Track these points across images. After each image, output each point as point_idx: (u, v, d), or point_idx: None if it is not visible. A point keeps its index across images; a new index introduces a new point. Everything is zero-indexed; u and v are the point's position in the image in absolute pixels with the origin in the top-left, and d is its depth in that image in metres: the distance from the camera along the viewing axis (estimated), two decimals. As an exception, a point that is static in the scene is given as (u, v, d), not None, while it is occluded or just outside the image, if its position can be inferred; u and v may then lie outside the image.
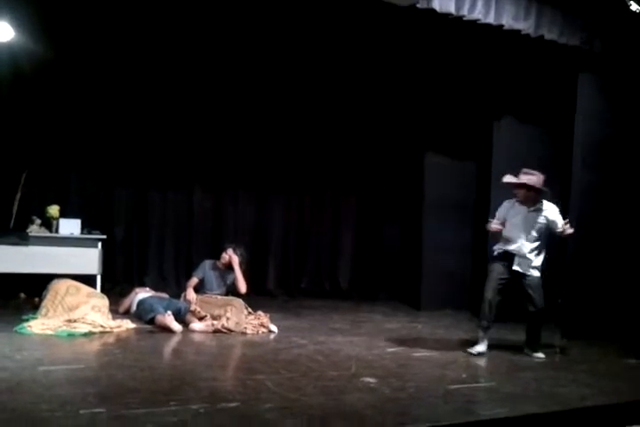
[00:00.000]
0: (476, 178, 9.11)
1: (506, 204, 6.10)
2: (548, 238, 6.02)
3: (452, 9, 6.22)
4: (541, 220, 5.90)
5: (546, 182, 5.92)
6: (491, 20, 6.49)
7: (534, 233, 5.90)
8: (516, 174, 5.96)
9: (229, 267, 7.41)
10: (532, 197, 5.92)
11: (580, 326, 7.01)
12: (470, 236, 8.87)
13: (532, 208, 5.93)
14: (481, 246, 6.28)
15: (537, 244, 5.91)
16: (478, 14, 6.39)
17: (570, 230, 5.84)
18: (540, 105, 8.07)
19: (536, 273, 5.92)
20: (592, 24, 7.04)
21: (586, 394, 4.47)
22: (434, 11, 6.14)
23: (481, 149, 8.63)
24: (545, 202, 5.96)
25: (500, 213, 6.10)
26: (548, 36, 6.82)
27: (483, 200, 8.13)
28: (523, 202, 5.96)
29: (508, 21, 6.58)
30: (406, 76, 9.28)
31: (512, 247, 5.92)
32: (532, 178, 5.88)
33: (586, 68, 7.25)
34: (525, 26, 6.68)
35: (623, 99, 7.36)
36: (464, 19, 6.39)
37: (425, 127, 9.41)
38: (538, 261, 5.93)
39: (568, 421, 3.98)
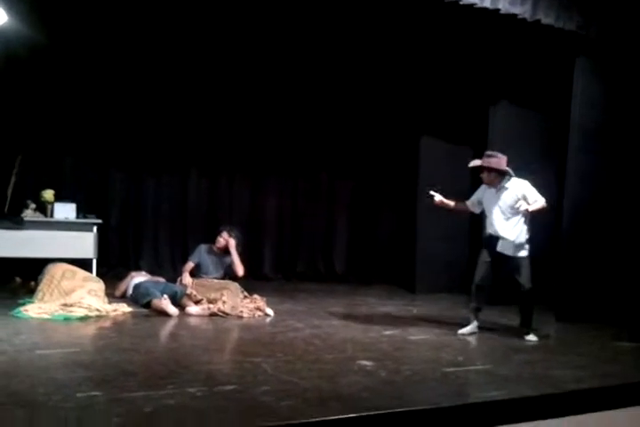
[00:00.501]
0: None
1: (482, 187, 6.19)
2: (534, 218, 6.02)
3: (448, -8, 6.19)
4: (511, 198, 5.88)
5: (508, 163, 5.96)
6: (487, 4, 6.44)
7: (508, 213, 5.89)
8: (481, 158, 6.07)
9: (225, 251, 7.40)
10: (494, 179, 5.97)
11: (573, 309, 7.04)
12: (466, 220, 8.87)
13: (498, 188, 5.97)
14: (476, 231, 6.30)
15: (514, 223, 5.89)
16: (474, -2, 6.36)
17: (525, 207, 5.79)
18: (537, 90, 8.05)
19: (520, 253, 5.90)
20: (588, 9, 7.00)
21: (580, 377, 4.49)
22: (430, -6, 6.12)
23: (477, 134, 8.60)
24: (513, 179, 5.95)
25: (476, 195, 6.23)
26: (545, 20, 6.78)
27: (478, 185, 8.12)
28: (489, 184, 6.04)
29: (504, 6, 6.54)
30: (402, 60, 9.25)
31: (491, 230, 5.99)
32: (492, 160, 5.94)
33: (582, 52, 7.22)
34: (522, 10, 6.64)
35: (619, 84, 7.34)
36: (460, 3, 6.35)
37: (420, 112, 9.39)
38: (520, 240, 5.88)
39: (563, 403, 4.01)
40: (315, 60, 9.28)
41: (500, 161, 5.93)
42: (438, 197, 6.14)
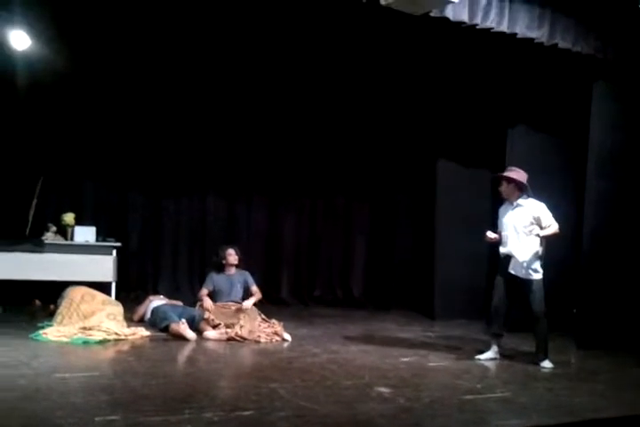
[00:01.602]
0: (490, 186, 9.08)
1: (500, 208, 6.18)
2: (550, 243, 5.98)
3: (465, 17, 6.21)
4: (526, 217, 5.85)
5: (528, 180, 5.96)
6: (504, 28, 6.47)
7: (522, 232, 5.84)
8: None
9: (232, 267, 7.44)
10: (511, 192, 5.95)
11: (595, 336, 6.95)
12: (484, 245, 8.82)
13: (514, 204, 5.95)
14: (495, 255, 6.26)
15: (527, 244, 5.82)
16: (491, 23, 6.37)
17: (536, 232, 5.81)
18: (554, 113, 8.04)
19: (532, 275, 5.81)
20: (606, 32, 7.01)
21: (600, 406, 4.44)
22: (447, 19, 6.14)
23: (494, 157, 8.59)
24: (530, 199, 5.94)
25: (499, 218, 6.17)
26: (562, 44, 6.79)
27: (496, 209, 8.10)
28: (506, 199, 6.02)
29: (521, 30, 6.56)
30: (420, 83, 9.30)
31: (505, 249, 5.94)
32: (513, 173, 5.97)
33: (600, 76, 7.21)
34: (539, 34, 6.66)
35: (638, 107, 7.33)
36: (477, 27, 6.37)
37: (438, 135, 9.40)
38: (532, 262, 5.80)
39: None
40: (336, 83, 9.35)
41: (520, 175, 5.94)
42: (494, 236, 6.03)
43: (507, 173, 5.99)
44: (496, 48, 7.50)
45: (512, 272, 5.84)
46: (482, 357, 5.93)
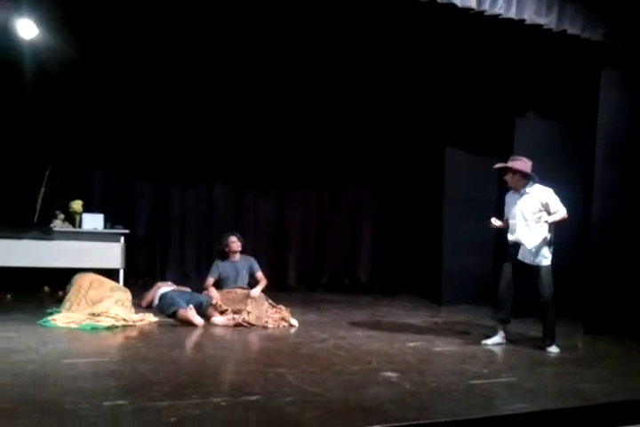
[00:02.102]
0: (497, 174, 9.06)
1: (507, 195, 6.16)
2: (559, 229, 5.98)
3: (473, 4, 6.17)
4: (534, 204, 5.84)
5: (533, 168, 5.94)
6: (512, 14, 6.43)
7: (530, 219, 5.83)
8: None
9: (236, 254, 7.47)
10: (517, 182, 5.93)
11: (602, 321, 6.96)
12: (492, 231, 8.81)
13: (521, 192, 5.93)
14: (502, 242, 6.26)
15: (535, 230, 5.81)
16: (500, 9, 6.34)
17: (544, 219, 5.80)
18: (563, 100, 8.00)
19: (542, 262, 5.80)
20: (615, 19, 6.95)
21: (608, 390, 4.44)
22: (454, 5, 6.11)
23: (502, 144, 8.56)
24: (536, 185, 5.92)
25: (505, 205, 6.17)
26: (571, 30, 6.75)
27: (504, 196, 8.10)
28: (513, 188, 6.01)
29: (529, 16, 6.52)
30: (428, 70, 9.26)
31: (513, 237, 5.92)
32: (517, 162, 5.94)
33: (608, 63, 7.16)
34: (547, 21, 6.62)
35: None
36: (485, 14, 6.34)
37: (446, 122, 9.37)
38: (541, 248, 5.79)
39: (589, 417, 3.96)
40: (343, 70, 9.30)
41: (525, 164, 5.92)
42: (498, 223, 6.04)
43: (511, 164, 5.95)
44: (504, 35, 7.44)
45: (521, 259, 5.84)
46: (489, 342, 5.95)
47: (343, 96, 9.72)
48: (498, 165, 6.15)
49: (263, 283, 7.39)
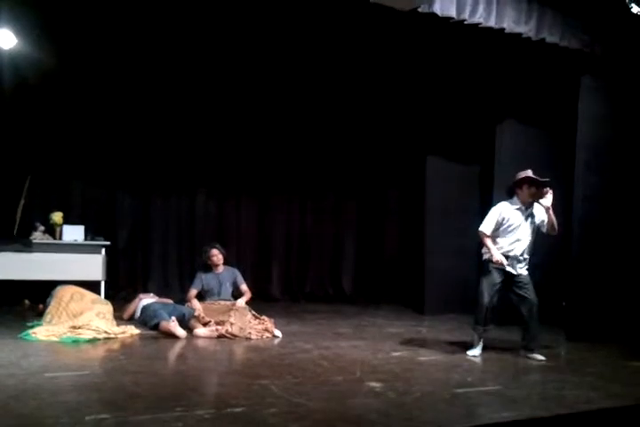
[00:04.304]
0: (478, 181, 9.11)
1: (501, 210, 5.93)
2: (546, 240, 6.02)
3: (452, 13, 6.23)
4: (537, 220, 5.90)
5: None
6: (492, 23, 6.49)
7: (532, 234, 5.90)
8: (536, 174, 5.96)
9: (219, 266, 7.47)
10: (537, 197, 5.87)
11: (584, 328, 6.99)
12: (474, 239, 8.83)
13: (528, 209, 5.91)
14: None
15: (531, 244, 5.92)
16: (479, 18, 6.39)
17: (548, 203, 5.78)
18: (543, 108, 8.07)
19: (525, 271, 5.92)
20: (593, 27, 7.04)
21: (591, 397, 4.45)
22: (435, 15, 6.15)
23: (483, 153, 8.63)
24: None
25: (494, 220, 5.91)
26: (550, 39, 6.82)
27: (486, 203, 8.12)
28: (523, 203, 5.90)
29: (509, 25, 6.58)
30: (409, 79, 9.30)
31: (509, 249, 5.85)
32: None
33: (587, 71, 7.24)
34: (526, 29, 6.69)
35: (625, 101, 7.36)
36: (465, 22, 6.39)
37: (427, 131, 9.39)
38: (527, 258, 5.93)
39: (574, 424, 3.97)
40: (322, 79, 9.33)
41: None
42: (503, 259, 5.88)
43: (543, 179, 5.82)
44: (484, 43, 7.51)
45: (511, 271, 5.84)
46: (476, 353, 5.92)
47: (324, 106, 9.74)
48: (535, 177, 5.86)
49: (248, 295, 7.39)
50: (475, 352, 5.93)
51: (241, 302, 7.16)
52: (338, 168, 10.23)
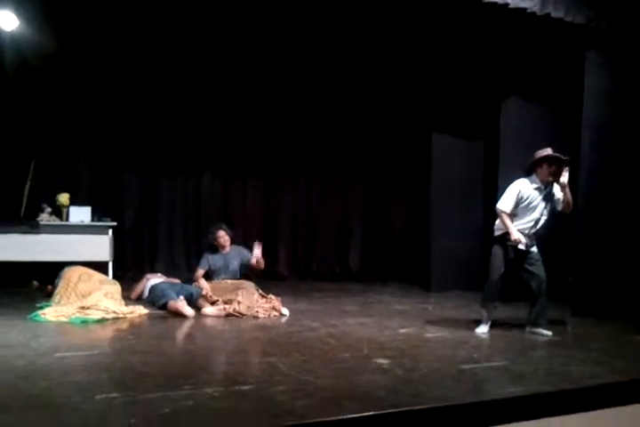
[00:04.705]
0: (483, 158, 9.09)
1: (520, 187, 5.86)
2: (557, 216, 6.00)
3: (456, -12, 6.18)
4: (554, 199, 5.89)
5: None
6: (495, -2, 6.43)
7: (548, 213, 5.89)
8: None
9: (225, 247, 7.47)
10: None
11: (590, 304, 7.01)
12: (479, 216, 8.85)
13: (549, 188, 5.87)
14: (490, 227, 6.28)
15: (545, 223, 5.92)
16: (483, -7, 6.34)
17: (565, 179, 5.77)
18: (548, 84, 8.01)
19: (536, 248, 5.91)
20: (598, 2, 6.96)
21: (597, 372, 4.47)
22: (438, -11, 6.10)
23: (488, 129, 8.59)
24: None
25: (514, 198, 5.84)
26: (554, 14, 6.74)
27: (491, 181, 8.11)
28: (542, 181, 5.83)
29: (513, 0, 6.52)
30: (412, 56, 9.21)
31: (526, 226, 5.84)
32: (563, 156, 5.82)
33: (593, 46, 7.17)
34: (531, 4, 6.61)
35: (631, 77, 7.29)
36: (469, -3, 6.34)
37: (432, 108, 9.34)
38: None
39: (580, 399, 4.00)
40: (326, 60, 9.25)
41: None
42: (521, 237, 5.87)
43: (565, 157, 5.75)
44: (487, 19, 7.42)
45: (522, 248, 5.84)
46: (484, 330, 5.95)
47: (329, 86, 9.68)
48: (556, 154, 5.82)
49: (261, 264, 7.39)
50: (483, 329, 5.96)
51: (257, 252, 7.21)
52: (344, 147, 10.21)
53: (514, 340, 5.68)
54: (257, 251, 7.26)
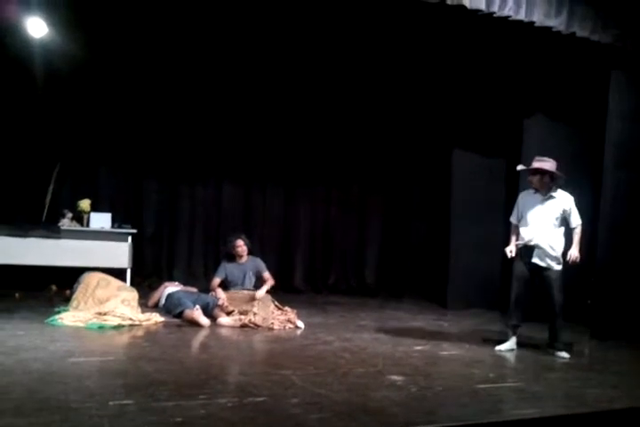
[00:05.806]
0: (505, 176, 9.04)
1: (520, 196, 6.08)
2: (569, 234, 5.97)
3: (482, 5, 6.16)
4: (557, 209, 5.85)
5: (559, 168, 5.90)
6: (522, 16, 6.42)
7: (551, 223, 5.83)
8: (529, 164, 6.00)
9: (243, 257, 7.46)
10: (546, 183, 5.86)
11: (609, 326, 6.93)
12: (499, 233, 8.79)
13: (546, 196, 5.87)
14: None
15: (554, 234, 5.83)
16: (509, 11, 6.32)
17: (575, 256, 5.80)
18: (572, 103, 7.97)
19: (555, 266, 5.81)
20: (625, 21, 6.92)
21: (614, 396, 4.42)
22: (464, 7, 6.10)
23: (511, 147, 8.55)
24: (560, 190, 5.91)
25: (517, 209, 6.05)
26: (580, 33, 6.73)
27: (512, 198, 8.05)
28: (537, 190, 5.91)
29: (539, 18, 6.51)
30: (437, 72, 9.24)
31: (529, 238, 5.84)
32: (547, 164, 5.86)
33: (618, 65, 7.13)
34: (557, 23, 6.60)
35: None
36: (494, 15, 6.33)
37: (454, 124, 9.33)
38: (557, 252, 5.82)
39: (595, 423, 3.95)
40: (351, 73, 9.31)
41: (553, 165, 5.87)
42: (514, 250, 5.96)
43: (539, 165, 5.85)
44: (513, 36, 7.43)
45: (536, 262, 5.81)
46: (502, 347, 5.90)
47: (351, 97, 9.71)
48: (520, 168, 6.06)
49: (270, 283, 7.36)
50: (502, 347, 5.91)
51: (261, 291, 7.16)
52: (364, 160, 10.20)
53: (531, 360, 5.63)
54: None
